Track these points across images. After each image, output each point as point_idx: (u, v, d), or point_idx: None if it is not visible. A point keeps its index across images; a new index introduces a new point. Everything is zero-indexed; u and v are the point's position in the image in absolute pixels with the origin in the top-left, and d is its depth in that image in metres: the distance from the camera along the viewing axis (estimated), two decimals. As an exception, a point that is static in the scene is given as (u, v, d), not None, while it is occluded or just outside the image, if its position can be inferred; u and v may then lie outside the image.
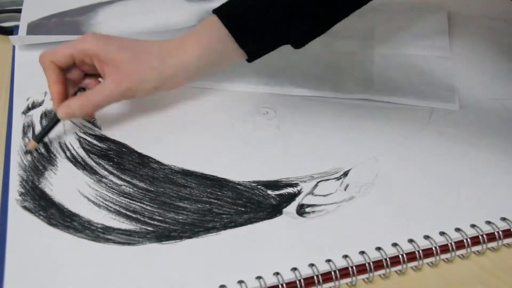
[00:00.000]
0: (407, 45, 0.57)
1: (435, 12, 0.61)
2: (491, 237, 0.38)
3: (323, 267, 0.35)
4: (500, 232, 0.38)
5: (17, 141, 0.45)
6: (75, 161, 0.43)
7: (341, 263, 0.36)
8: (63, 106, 0.43)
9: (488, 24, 0.61)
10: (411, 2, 0.64)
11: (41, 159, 0.43)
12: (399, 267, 0.36)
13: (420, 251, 0.36)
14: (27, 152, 0.44)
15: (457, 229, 0.38)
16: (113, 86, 0.42)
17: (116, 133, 0.46)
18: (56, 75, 0.43)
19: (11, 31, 0.60)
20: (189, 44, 0.44)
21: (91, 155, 0.44)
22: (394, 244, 0.37)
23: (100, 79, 0.45)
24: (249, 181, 0.42)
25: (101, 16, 0.60)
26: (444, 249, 0.37)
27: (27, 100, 0.49)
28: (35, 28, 0.58)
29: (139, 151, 0.44)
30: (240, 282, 0.35)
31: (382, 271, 0.36)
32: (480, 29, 0.60)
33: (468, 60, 0.55)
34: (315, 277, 0.35)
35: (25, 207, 0.40)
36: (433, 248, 0.37)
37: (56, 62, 0.43)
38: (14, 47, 0.57)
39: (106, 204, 0.40)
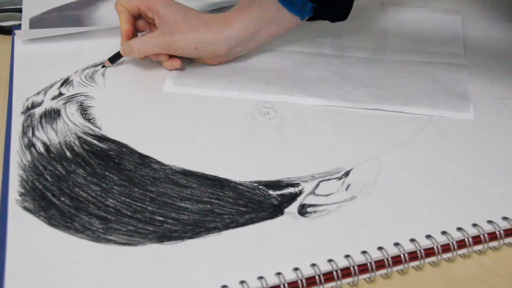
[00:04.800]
0: (420, 52, 0.56)
1: (448, 17, 0.61)
2: (492, 236, 0.38)
3: (325, 267, 0.35)
4: (502, 232, 0.38)
5: (16, 141, 0.45)
6: (75, 161, 0.43)
7: (342, 263, 0.36)
8: (124, 44, 0.52)
9: (488, 23, 0.61)
10: (423, 7, 0.63)
11: (41, 159, 0.43)
12: (400, 267, 0.36)
13: (422, 251, 0.36)
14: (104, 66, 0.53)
15: (459, 229, 0.38)
16: (160, 36, 0.50)
17: (116, 133, 0.46)
18: (126, 17, 0.52)
19: (10, 30, 0.59)
20: (233, 16, 0.51)
21: (91, 155, 0.44)
22: (396, 244, 0.37)
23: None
24: (250, 181, 0.42)
25: (102, 10, 0.60)
26: (446, 248, 0.37)
27: (27, 100, 0.49)
28: (37, 23, 0.58)
29: (140, 151, 0.44)
30: (242, 282, 0.35)
31: (383, 271, 0.36)
32: (482, 29, 0.60)
33: (468, 59, 0.55)
34: (316, 277, 0.35)
35: (25, 208, 0.40)
36: (435, 248, 0.37)
37: (125, 6, 0.52)
38: (13, 47, 0.56)
39: (107, 204, 0.40)
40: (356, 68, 0.53)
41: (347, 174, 0.42)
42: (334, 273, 0.35)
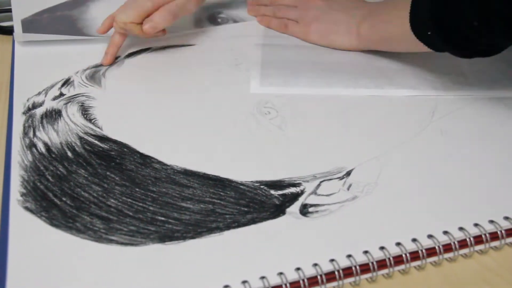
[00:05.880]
0: None
1: None
2: (494, 236, 0.38)
3: (327, 267, 0.35)
4: (503, 231, 0.38)
5: (17, 142, 0.45)
6: (76, 162, 0.43)
7: (344, 263, 0.36)
8: (147, 21, 0.52)
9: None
10: None
11: (42, 159, 0.43)
12: (402, 267, 0.36)
13: (424, 250, 0.36)
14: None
15: (460, 228, 0.38)
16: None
17: (117, 133, 0.46)
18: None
19: (10, 30, 0.59)
20: None
21: (92, 155, 0.44)
22: (398, 244, 0.37)
23: None
24: (251, 181, 0.42)
25: (93, 10, 0.60)
26: (447, 248, 0.37)
27: (28, 100, 0.49)
28: (29, 24, 0.58)
29: (141, 151, 0.44)
30: (244, 282, 0.35)
31: (385, 271, 0.36)
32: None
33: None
34: (318, 277, 0.35)
35: (26, 208, 0.40)
36: (436, 247, 0.37)
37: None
38: (13, 47, 0.56)
39: (108, 205, 0.40)
40: (426, 58, 0.53)
41: (348, 174, 0.42)
42: (336, 273, 0.35)
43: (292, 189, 0.41)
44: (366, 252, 0.36)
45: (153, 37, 0.55)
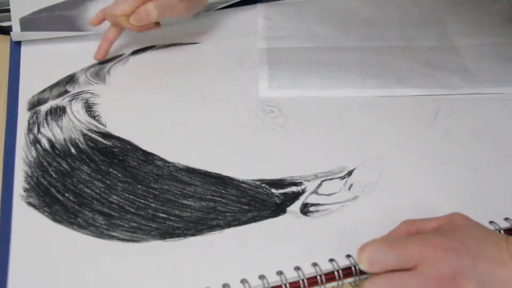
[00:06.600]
0: (486, 34, 0.56)
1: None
2: (494, 237, 0.37)
3: (326, 267, 0.36)
4: (502, 232, 0.38)
5: (22, 138, 0.45)
6: (80, 158, 0.43)
7: (344, 263, 0.36)
8: (137, 10, 0.50)
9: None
10: None
11: (46, 156, 0.44)
12: (402, 267, 0.36)
13: (424, 251, 0.36)
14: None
15: (461, 230, 0.38)
16: None
17: (120, 130, 0.46)
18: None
19: (9, 30, 0.60)
20: None
21: (95, 152, 0.44)
22: (398, 244, 0.37)
23: None
24: (253, 180, 0.42)
25: (92, 10, 0.60)
26: (448, 249, 0.37)
27: (33, 97, 0.50)
28: (27, 23, 0.58)
29: (144, 148, 0.44)
30: (243, 281, 0.35)
31: (385, 271, 0.36)
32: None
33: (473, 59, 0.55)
34: (318, 277, 0.35)
35: (29, 203, 0.40)
36: (437, 248, 0.36)
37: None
38: (12, 46, 0.57)
39: (110, 201, 0.40)
40: (432, 55, 0.53)
41: (350, 173, 0.42)
42: (336, 273, 0.35)
43: (293, 188, 0.41)
44: (366, 252, 0.36)
45: (145, 30, 0.53)
